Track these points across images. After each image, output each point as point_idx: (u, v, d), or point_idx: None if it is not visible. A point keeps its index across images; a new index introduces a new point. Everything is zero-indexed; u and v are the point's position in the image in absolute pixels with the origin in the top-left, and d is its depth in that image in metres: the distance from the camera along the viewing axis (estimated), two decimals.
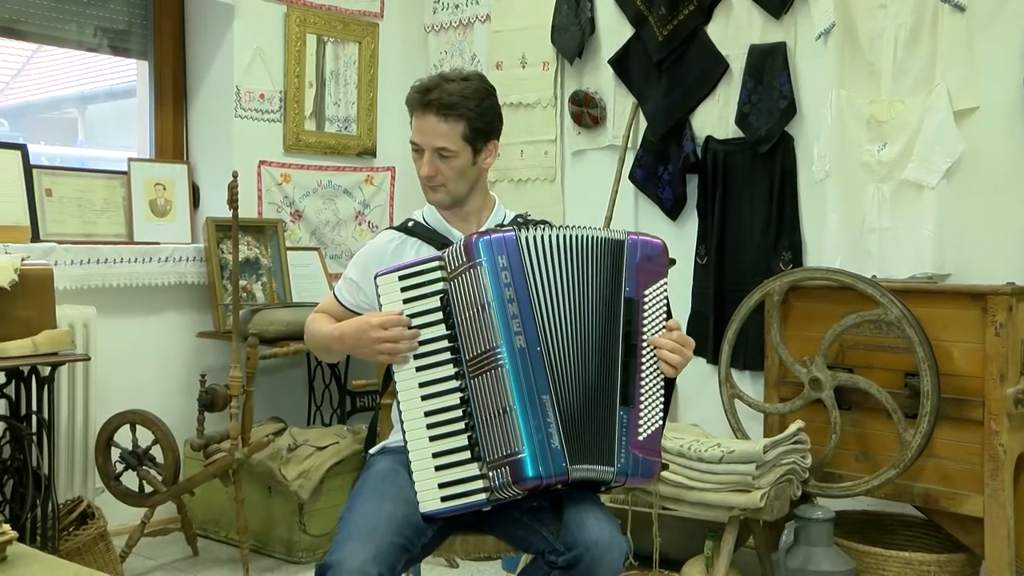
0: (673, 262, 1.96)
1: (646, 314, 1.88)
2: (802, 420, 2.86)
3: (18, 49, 4.35)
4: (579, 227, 1.91)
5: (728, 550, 2.72)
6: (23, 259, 2.89)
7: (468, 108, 2.05)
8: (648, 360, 1.88)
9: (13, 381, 2.90)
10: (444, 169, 2.08)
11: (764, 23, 3.36)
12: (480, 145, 2.09)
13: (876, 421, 2.86)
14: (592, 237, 1.89)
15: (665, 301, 1.92)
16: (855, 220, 3.13)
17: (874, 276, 2.93)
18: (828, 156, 3.14)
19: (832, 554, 2.76)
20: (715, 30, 3.48)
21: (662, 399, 1.90)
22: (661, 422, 1.89)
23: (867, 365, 2.88)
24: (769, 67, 3.32)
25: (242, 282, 3.76)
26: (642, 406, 1.86)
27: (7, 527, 1.42)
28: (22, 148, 3.45)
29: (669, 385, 1.92)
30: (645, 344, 1.88)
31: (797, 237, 3.33)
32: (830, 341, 2.84)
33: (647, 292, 1.89)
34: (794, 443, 2.79)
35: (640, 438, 1.85)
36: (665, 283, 1.92)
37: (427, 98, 2.05)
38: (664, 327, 1.91)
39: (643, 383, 1.87)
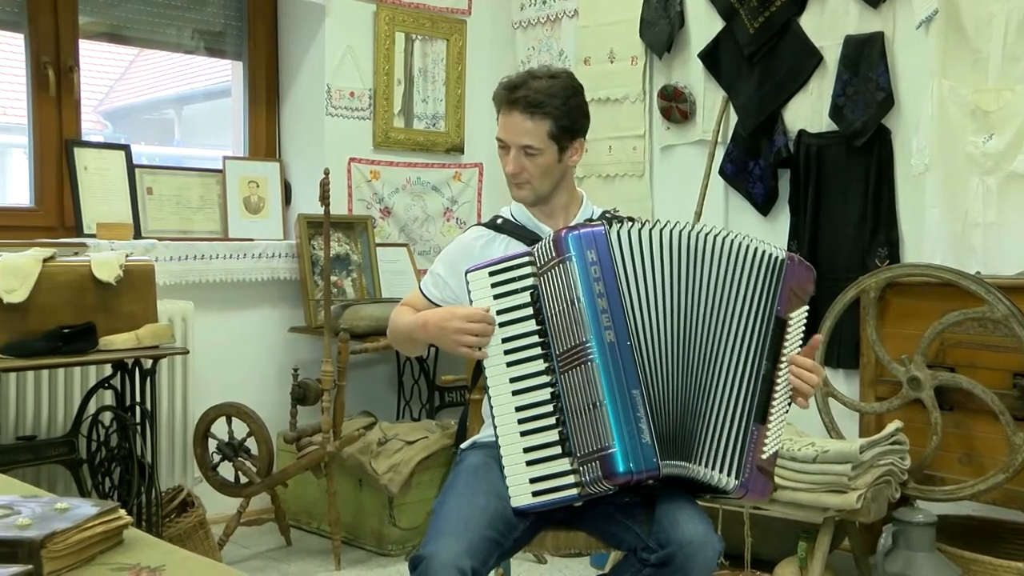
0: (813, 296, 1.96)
1: (788, 337, 1.88)
2: (900, 420, 2.78)
3: (121, 54, 4.51)
4: (687, 224, 1.88)
5: (823, 552, 2.66)
6: (127, 255, 2.99)
7: (554, 106, 2.04)
8: (784, 381, 1.88)
9: (119, 373, 3.01)
10: (529, 166, 2.08)
11: (861, 13, 3.27)
12: (566, 143, 2.09)
13: (980, 423, 2.76)
14: (737, 244, 1.86)
15: (804, 326, 1.92)
16: (958, 214, 3.02)
17: (978, 272, 2.83)
18: (928, 148, 3.03)
19: (935, 560, 2.66)
20: (808, 21, 3.40)
21: (785, 422, 1.90)
22: (780, 445, 1.89)
23: (970, 364, 2.77)
24: (865, 58, 3.23)
25: (332, 278, 3.82)
26: (771, 425, 1.85)
27: (123, 512, 1.47)
28: (126, 148, 3.57)
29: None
30: (784, 365, 1.87)
31: (894, 232, 3.24)
32: (930, 339, 2.75)
33: (793, 315, 1.89)
34: (892, 443, 2.71)
35: (764, 456, 1.84)
36: (807, 309, 1.92)
37: (514, 95, 2.06)
38: (799, 352, 1.91)
39: (775, 403, 1.86)
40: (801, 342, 1.92)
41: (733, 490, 1.83)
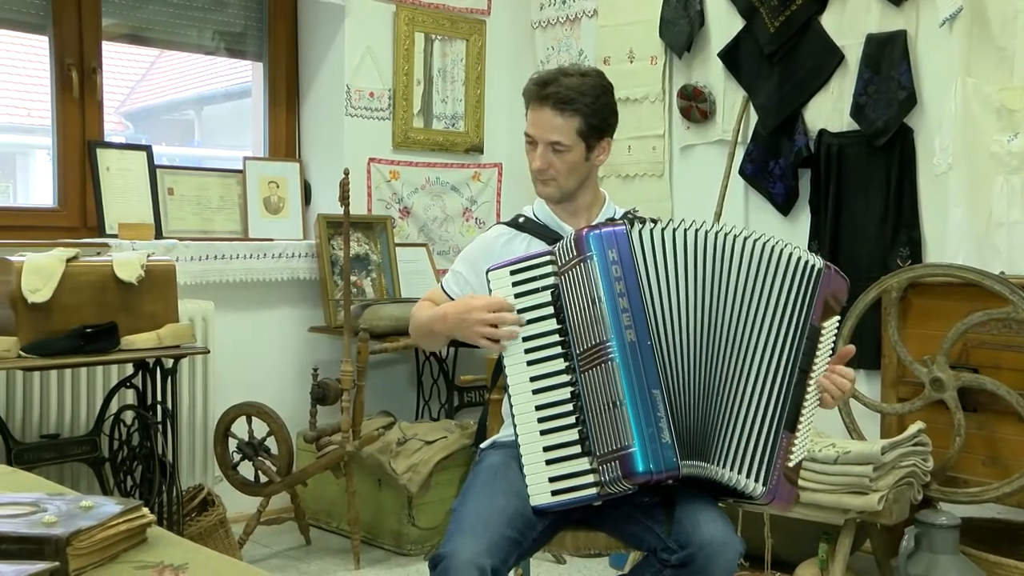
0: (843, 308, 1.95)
1: (820, 346, 1.87)
2: (922, 421, 2.76)
3: (143, 55, 4.54)
4: (712, 226, 1.87)
5: (844, 553, 2.64)
6: (148, 255, 3.01)
7: (584, 104, 2.04)
8: (813, 391, 1.87)
9: (140, 372, 3.03)
10: (556, 163, 2.08)
11: (883, 11, 3.24)
12: (593, 141, 2.09)
13: (1005, 424, 2.73)
14: (771, 248, 1.84)
15: (835, 337, 1.91)
16: (981, 214, 2.99)
17: (1002, 272, 2.80)
18: (951, 147, 3.01)
19: (959, 563, 2.64)
20: (829, 20, 3.39)
21: (812, 430, 1.90)
22: (804, 454, 1.88)
23: (994, 365, 2.75)
24: (887, 56, 3.21)
25: (352, 278, 3.83)
26: (799, 434, 1.84)
27: (145, 510, 1.48)
28: (147, 149, 3.60)
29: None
30: (815, 374, 1.87)
31: (916, 232, 3.22)
32: (953, 340, 2.73)
33: (826, 324, 1.88)
34: (915, 445, 2.69)
35: (790, 464, 1.83)
36: (839, 319, 1.92)
37: (544, 91, 2.05)
38: (828, 363, 1.91)
39: (805, 412, 1.85)
40: (831, 351, 1.91)
41: (760, 496, 1.81)
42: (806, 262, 1.86)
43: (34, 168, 4.23)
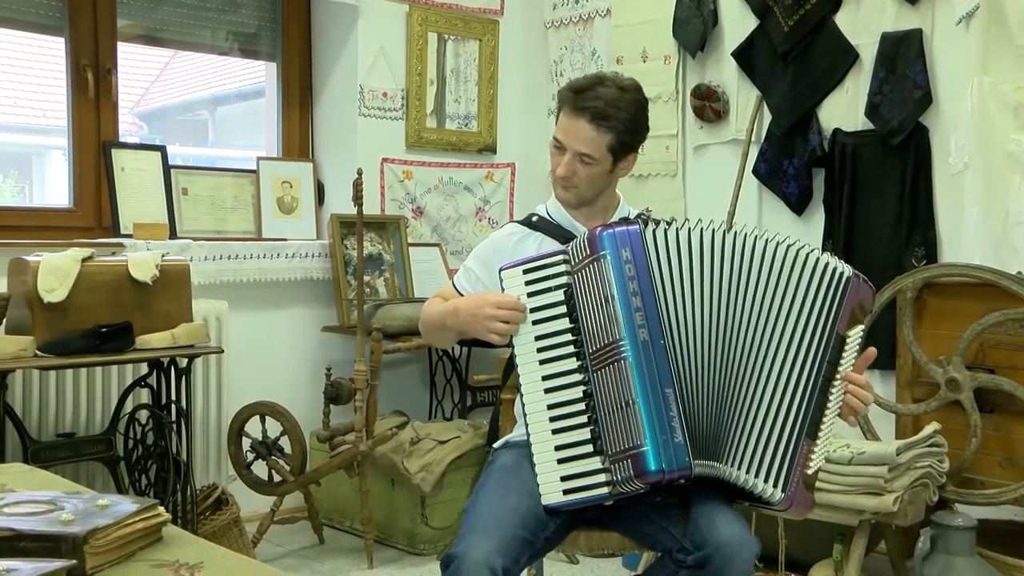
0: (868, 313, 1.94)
1: (845, 355, 1.85)
2: (938, 422, 2.74)
3: (157, 56, 4.56)
4: (731, 228, 1.87)
5: (859, 555, 2.63)
6: (163, 255, 3.02)
7: (620, 120, 2.03)
8: (836, 399, 1.86)
9: (154, 372, 3.04)
10: (581, 172, 2.07)
11: (898, 9, 3.23)
12: (621, 156, 2.09)
13: (1022, 426, 2.71)
14: (802, 255, 1.83)
15: (859, 346, 1.89)
16: (998, 214, 2.97)
17: (1019, 272, 2.78)
18: (967, 147, 2.99)
19: (975, 565, 2.62)
20: (844, 19, 3.37)
21: (831, 438, 1.88)
22: (823, 462, 1.88)
23: (1010, 366, 2.73)
24: (903, 55, 3.20)
25: (365, 277, 3.84)
26: (819, 442, 1.84)
27: (161, 509, 1.49)
28: (161, 149, 3.61)
29: None
30: (839, 382, 1.85)
31: (931, 232, 3.20)
32: (969, 340, 2.71)
33: (851, 332, 1.86)
34: (930, 445, 2.67)
35: (809, 471, 1.82)
36: (864, 328, 1.90)
37: (583, 103, 2.03)
38: (852, 368, 1.89)
39: (826, 419, 1.84)
40: (855, 358, 1.90)
41: (779, 502, 1.80)
42: (835, 269, 1.83)
43: (50, 168, 4.26)
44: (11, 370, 2.73)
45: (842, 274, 1.84)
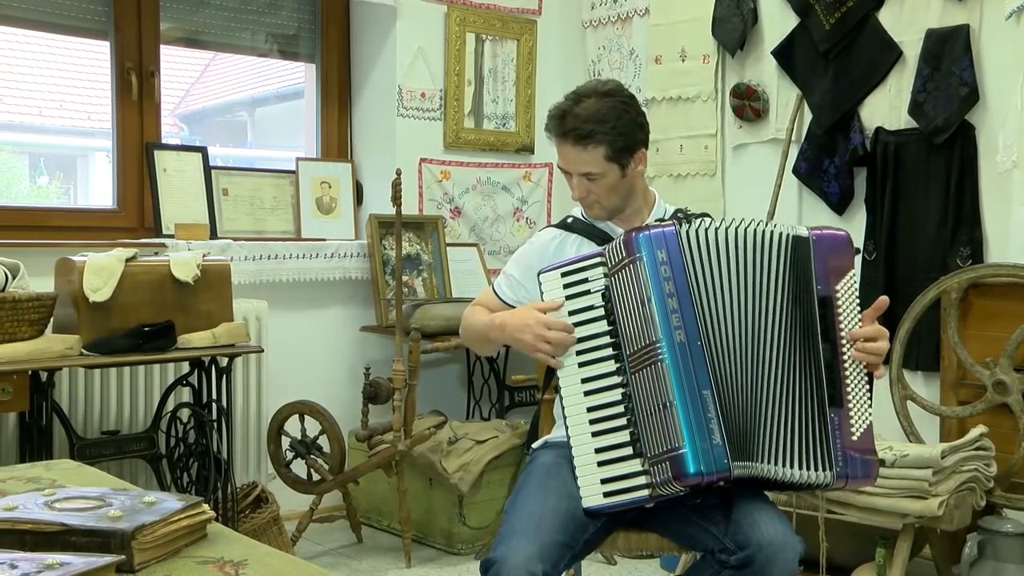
0: (857, 251, 1.89)
1: (840, 311, 1.83)
2: (984, 425, 2.70)
3: (197, 58, 4.61)
4: (744, 221, 1.87)
5: (903, 559, 2.59)
6: (204, 255, 3.06)
7: (604, 132, 2.02)
8: (849, 358, 1.82)
9: (196, 370, 3.07)
10: (595, 189, 2.08)
11: (944, 5, 3.18)
12: (625, 160, 2.07)
13: None
14: (765, 232, 1.84)
15: (856, 293, 1.86)
16: None
17: None
18: (1016, 145, 2.94)
19: None
20: (887, 15, 3.33)
21: (869, 395, 1.83)
22: (871, 419, 1.83)
23: None
24: (948, 52, 3.15)
25: (403, 277, 3.85)
26: (851, 405, 1.81)
27: (206, 507, 1.51)
28: (203, 151, 3.65)
29: (870, 379, 1.86)
30: (844, 341, 1.82)
31: (977, 231, 3.14)
32: (1017, 342, 2.67)
33: (838, 288, 1.83)
34: (976, 449, 2.63)
35: (854, 438, 1.79)
36: (854, 275, 1.85)
37: (563, 128, 2.04)
38: (860, 320, 1.84)
39: (848, 381, 1.81)
40: (858, 309, 1.84)
41: (832, 483, 1.79)
42: (786, 235, 1.83)
43: (94, 170, 4.32)
44: (58, 368, 2.78)
45: (795, 237, 1.83)
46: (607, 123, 2.02)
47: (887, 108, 3.34)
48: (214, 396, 3.05)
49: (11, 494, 1.63)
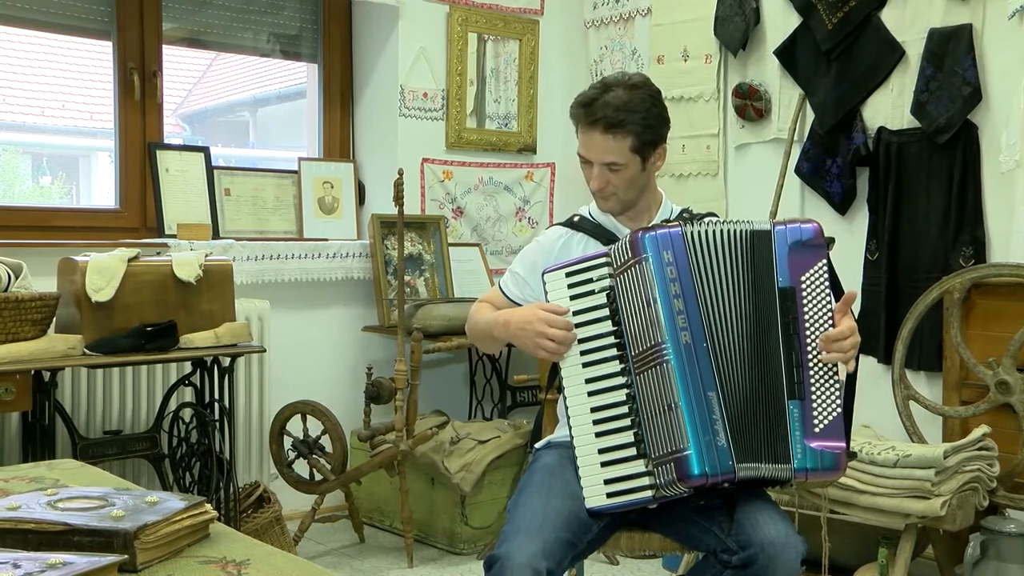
0: (831, 241, 1.89)
1: (806, 302, 1.82)
2: (987, 425, 2.69)
3: (199, 58, 4.61)
4: (740, 221, 1.87)
5: (905, 559, 2.59)
6: (206, 255, 3.06)
7: (634, 121, 2.01)
8: (814, 349, 1.80)
9: (198, 370, 3.07)
10: (614, 180, 2.07)
11: (947, 5, 3.17)
12: (648, 153, 2.07)
13: None
14: (743, 231, 1.85)
15: (826, 284, 1.83)
16: None
17: None
18: (1019, 144, 2.93)
19: None
20: (890, 15, 3.32)
21: (837, 386, 1.81)
22: (840, 411, 1.81)
23: None
24: (951, 52, 3.14)
25: (405, 277, 3.85)
26: (814, 396, 1.79)
27: (208, 506, 1.51)
28: (205, 151, 3.65)
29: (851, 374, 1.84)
30: (809, 333, 1.81)
31: (980, 231, 3.14)
32: (1020, 342, 2.67)
33: (804, 279, 1.82)
34: (979, 449, 2.63)
35: (817, 430, 1.79)
36: (823, 265, 1.84)
37: (592, 115, 2.02)
38: (831, 311, 1.82)
39: (812, 373, 1.80)
40: (828, 298, 1.82)
41: (790, 477, 1.79)
42: (754, 231, 1.83)
43: (96, 170, 4.32)
44: (61, 368, 2.78)
45: (761, 231, 1.83)
46: (637, 113, 2.01)
47: (889, 108, 3.34)
48: (216, 396, 3.05)
49: (14, 494, 1.63)
